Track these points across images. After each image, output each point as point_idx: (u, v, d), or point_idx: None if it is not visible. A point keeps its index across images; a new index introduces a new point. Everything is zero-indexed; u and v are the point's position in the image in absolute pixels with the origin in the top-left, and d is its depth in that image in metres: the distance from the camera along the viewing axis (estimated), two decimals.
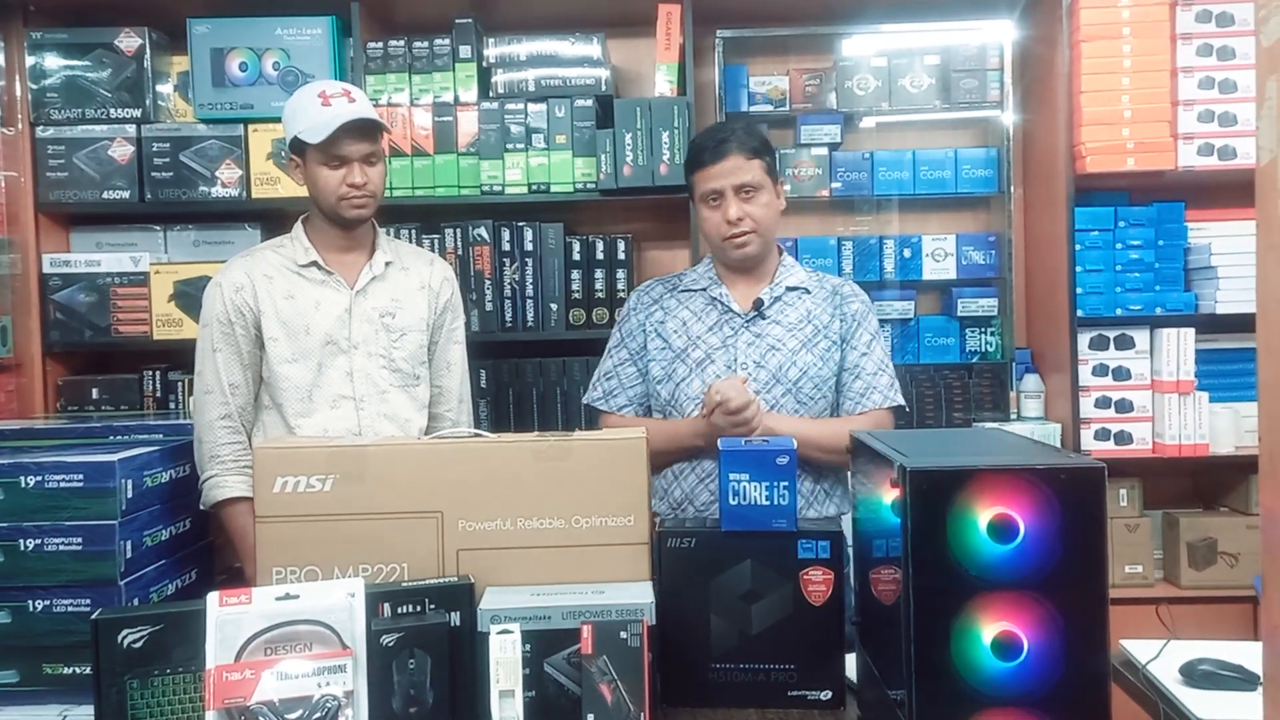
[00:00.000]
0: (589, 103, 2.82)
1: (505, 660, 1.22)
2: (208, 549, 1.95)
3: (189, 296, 2.81)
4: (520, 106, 2.83)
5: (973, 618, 1.08)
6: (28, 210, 2.83)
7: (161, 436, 1.92)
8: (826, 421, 2.00)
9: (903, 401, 2.04)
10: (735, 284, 2.06)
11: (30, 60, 2.82)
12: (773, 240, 2.07)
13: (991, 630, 1.08)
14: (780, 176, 2.08)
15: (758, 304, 2.02)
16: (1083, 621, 1.08)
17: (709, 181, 1.98)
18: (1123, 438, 2.88)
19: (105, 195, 2.84)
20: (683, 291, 2.10)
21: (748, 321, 2.02)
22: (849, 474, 2.05)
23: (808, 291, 2.05)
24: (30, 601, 1.55)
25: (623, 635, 1.25)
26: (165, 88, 2.93)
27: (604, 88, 2.85)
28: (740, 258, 2.01)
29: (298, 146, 1.96)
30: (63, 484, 1.56)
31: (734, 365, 1.98)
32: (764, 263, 2.06)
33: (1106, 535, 1.10)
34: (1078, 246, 2.83)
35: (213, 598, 1.21)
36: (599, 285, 2.90)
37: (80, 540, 1.56)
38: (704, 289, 2.07)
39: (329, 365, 1.98)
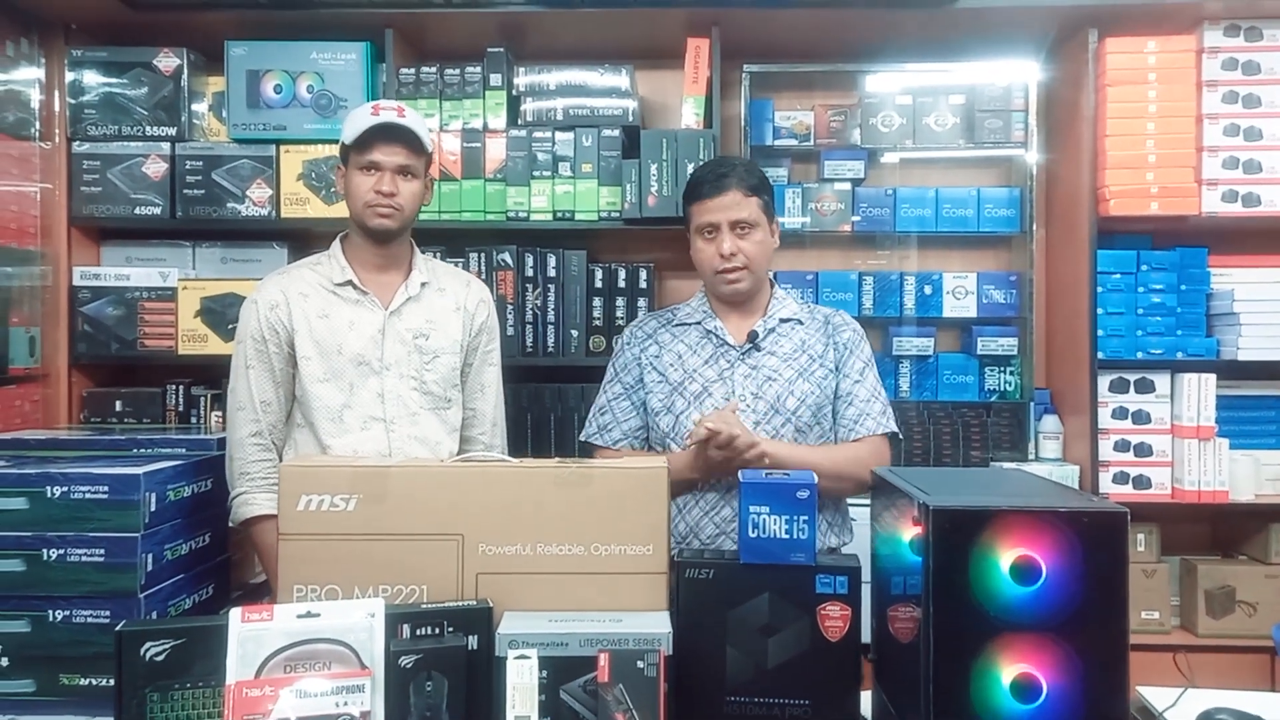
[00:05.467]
0: (616, 133, 2.86)
1: (522, 685, 1.23)
2: (225, 565, 1.96)
3: (215, 313, 2.84)
4: (548, 135, 2.86)
5: (992, 658, 1.08)
6: (61, 223, 2.88)
7: (184, 451, 1.94)
8: (828, 449, 2.00)
9: (896, 429, 2.04)
10: (729, 317, 2.07)
11: (70, 76, 2.87)
12: (764, 275, 2.08)
13: (1011, 672, 1.08)
14: (777, 215, 2.09)
15: (752, 336, 2.03)
16: (1102, 666, 1.08)
17: (705, 215, 1.99)
18: (1141, 482, 2.86)
19: (137, 210, 2.88)
20: (677, 325, 2.10)
21: (743, 354, 2.03)
22: (855, 506, 2.05)
23: (800, 323, 2.07)
24: (50, 611, 1.57)
25: (639, 664, 1.25)
26: (200, 107, 2.98)
27: (631, 118, 2.88)
28: (730, 293, 2.03)
29: (344, 154, 2.00)
30: (88, 495, 1.59)
31: (730, 396, 1.98)
32: (756, 296, 2.07)
33: (1127, 580, 1.10)
34: (1099, 289, 2.84)
35: (235, 613, 1.22)
36: (620, 313, 2.91)
37: (103, 552, 1.58)
38: (698, 322, 2.08)
39: (360, 386, 1.97)
